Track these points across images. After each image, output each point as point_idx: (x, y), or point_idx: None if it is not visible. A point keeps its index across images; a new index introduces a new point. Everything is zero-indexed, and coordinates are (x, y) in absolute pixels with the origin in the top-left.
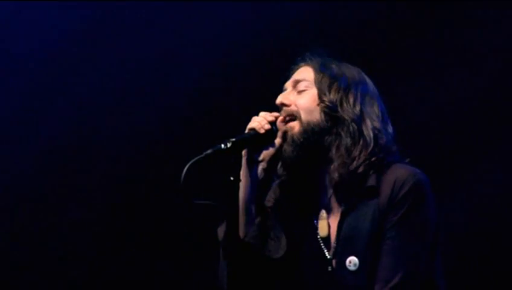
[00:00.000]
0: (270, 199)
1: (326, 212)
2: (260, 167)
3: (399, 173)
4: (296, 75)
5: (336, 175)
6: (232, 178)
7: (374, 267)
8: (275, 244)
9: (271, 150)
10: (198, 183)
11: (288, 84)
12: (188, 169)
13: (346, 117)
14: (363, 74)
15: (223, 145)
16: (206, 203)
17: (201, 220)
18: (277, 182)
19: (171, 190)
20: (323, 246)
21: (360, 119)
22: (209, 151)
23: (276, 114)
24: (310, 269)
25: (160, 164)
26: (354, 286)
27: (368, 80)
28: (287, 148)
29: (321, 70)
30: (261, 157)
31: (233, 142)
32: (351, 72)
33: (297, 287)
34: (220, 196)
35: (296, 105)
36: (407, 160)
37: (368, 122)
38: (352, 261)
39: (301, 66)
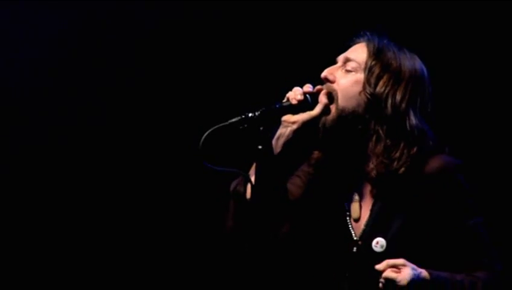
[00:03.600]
0: (301, 173)
1: (359, 195)
2: (289, 129)
3: (435, 163)
4: (350, 52)
5: (373, 173)
6: (260, 147)
7: (400, 253)
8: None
9: (305, 117)
10: (220, 153)
11: (340, 59)
12: (208, 136)
13: (388, 114)
14: (422, 65)
15: (251, 114)
16: (228, 171)
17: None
18: (313, 155)
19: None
20: (351, 227)
21: (403, 119)
22: (234, 119)
23: (319, 87)
24: (334, 248)
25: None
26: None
27: (426, 75)
28: (320, 127)
29: (375, 56)
30: (293, 120)
31: (262, 111)
32: (409, 63)
33: (319, 265)
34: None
35: (337, 84)
36: (445, 150)
37: (413, 122)
38: (379, 243)
39: (359, 42)
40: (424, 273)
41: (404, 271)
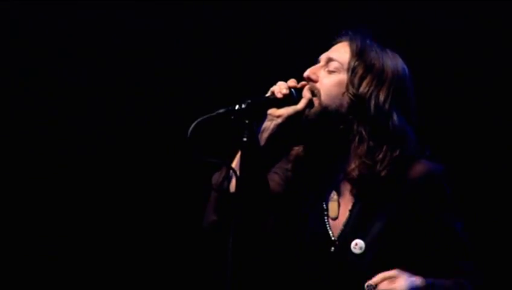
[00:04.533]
0: (279, 170)
1: (338, 195)
2: (274, 122)
3: (420, 168)
4: (332, 52)
5: (355, 173)
6: (245, 139)
7: (379, 255)
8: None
9: (290, 111)
10: (207, 144)
11: (323, 58)
12: (196, 126)
13: (371, 115)
14: (404, 66)
15: (237, 106)
16: (215, 161)
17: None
18: (291, 151)
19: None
20: (329, 227)
21: (386, 119)
22: (221, 110)
23: (303, 82)
24: (311, 248)
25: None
26: (355, 269)
27: (408, 74)
28: (303, 122)
29: (358, 56)
30: (278, 113)
31: (248, 103)
32: (392, 63)
33: (296, 265)
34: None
35: (320, 84)
36: (427, 154)
37: (396, 122)
38: (358, 244)
39: (341, 41)
40: (418, 280)
41: (400, 281)
